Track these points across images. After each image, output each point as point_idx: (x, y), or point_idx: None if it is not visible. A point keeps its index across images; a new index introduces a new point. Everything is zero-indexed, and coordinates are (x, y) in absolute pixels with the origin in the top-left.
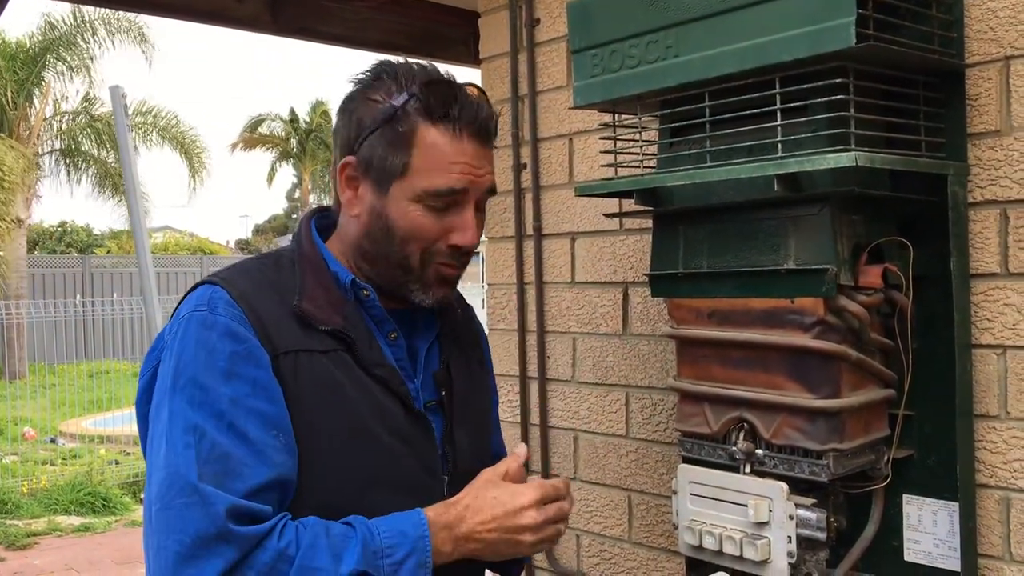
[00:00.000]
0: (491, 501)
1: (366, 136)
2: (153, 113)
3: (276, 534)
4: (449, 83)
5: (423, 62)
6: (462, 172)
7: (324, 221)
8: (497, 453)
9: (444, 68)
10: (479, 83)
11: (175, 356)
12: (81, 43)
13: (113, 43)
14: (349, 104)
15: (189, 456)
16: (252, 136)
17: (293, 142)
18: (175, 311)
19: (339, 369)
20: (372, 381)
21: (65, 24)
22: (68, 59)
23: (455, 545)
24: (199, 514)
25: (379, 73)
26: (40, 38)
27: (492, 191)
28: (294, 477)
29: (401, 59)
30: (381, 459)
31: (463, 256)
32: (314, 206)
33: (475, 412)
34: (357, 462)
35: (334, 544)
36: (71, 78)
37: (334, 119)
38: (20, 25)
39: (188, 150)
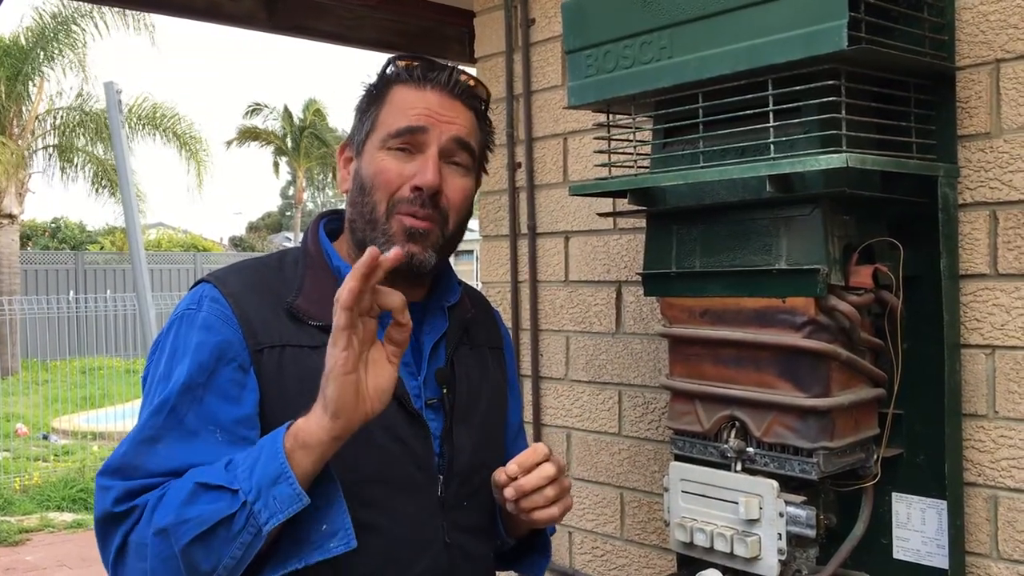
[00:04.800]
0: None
1: (355, 117)
2: (153, 108)
3: (154, 499)
4: (421, 56)
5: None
6: (420, 113)
7: (334, 224)
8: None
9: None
10: None
11: (158, 352)
12: (75, 29)
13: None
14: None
15: (124, 440)
16: (249, 128)
17: (288, 139)
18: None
19: None
20: None
21: (57, 15)
22: (62, 52)
23: (321, 447)
24: (99, 498)
25: None
26: (34, 30)
27: (464, 144)
28: None
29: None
30: (370, 455)
31: (428, 203)
32: (308, 203)
33: (482, 412)
34: (343, 455)
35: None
36: (63, 73)
37: (328, 118)
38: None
39: (191, 147)
